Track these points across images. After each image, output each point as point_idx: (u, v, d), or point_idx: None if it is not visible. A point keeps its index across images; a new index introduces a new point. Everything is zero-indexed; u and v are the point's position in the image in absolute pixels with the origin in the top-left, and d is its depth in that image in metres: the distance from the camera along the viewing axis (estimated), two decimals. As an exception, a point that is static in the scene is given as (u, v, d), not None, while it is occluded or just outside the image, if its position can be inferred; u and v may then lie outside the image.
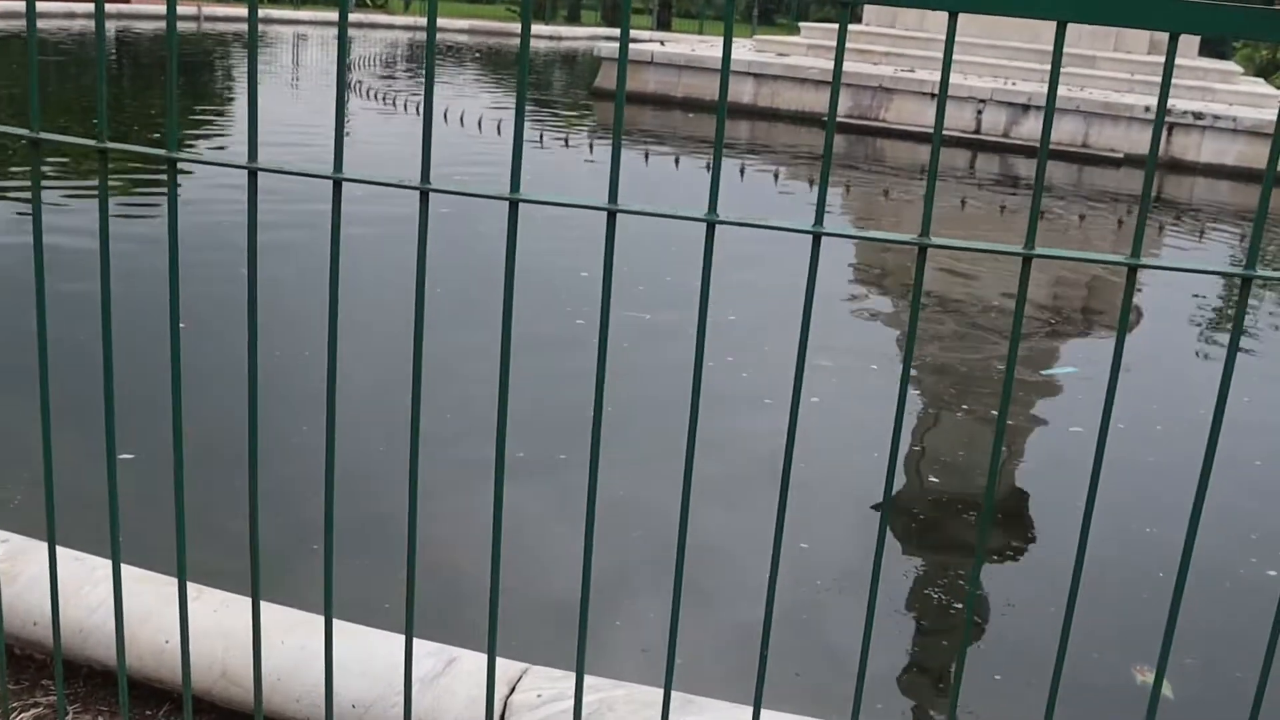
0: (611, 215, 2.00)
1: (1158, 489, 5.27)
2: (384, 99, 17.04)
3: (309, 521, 4.11)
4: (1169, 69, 1.86)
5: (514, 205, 2.03)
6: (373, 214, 8.24)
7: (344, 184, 2.01)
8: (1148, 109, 17.72)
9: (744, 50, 21.88)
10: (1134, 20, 1.82)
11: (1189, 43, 21.45)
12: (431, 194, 2.03)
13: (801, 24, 23.83)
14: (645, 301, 7.37)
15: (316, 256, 7.62)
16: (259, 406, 2.07)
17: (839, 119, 18.42)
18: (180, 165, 2.07)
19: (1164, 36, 20.94)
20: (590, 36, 39.34)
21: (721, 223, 1.97)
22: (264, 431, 2.08)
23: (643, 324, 6.95)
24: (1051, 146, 17.31)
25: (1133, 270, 1.94)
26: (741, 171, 13.27)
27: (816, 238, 1.95)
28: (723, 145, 1.92)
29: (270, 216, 8.07)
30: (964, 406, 6.32)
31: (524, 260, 2.09)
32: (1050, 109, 1.89)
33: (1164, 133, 17.39)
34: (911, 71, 19.54)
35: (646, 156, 13.90)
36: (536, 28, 39.96)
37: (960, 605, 4.10)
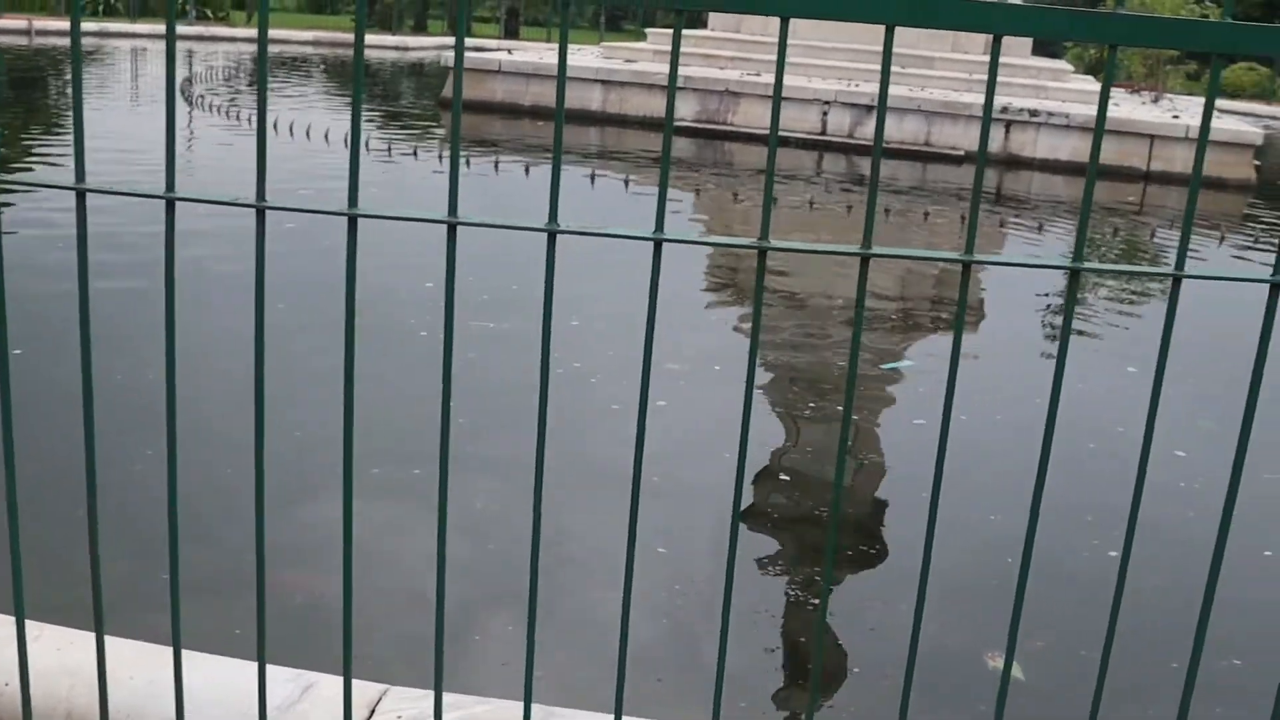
0: (452, 229, 1.98)
1: (999, 477, 5.40)
2: (227, 113, 16.70)
3: (155, 549, 4.00)
4: (994, 69, 1.90)
5: (353, 221, 1.99)
6: (224, 228, 8.07)
7: (178, 203, 1.96)
8: (985, 108, 18.19)
9: (591, 57, 21.93)
10: (960, 23, 1.85)
11: (1022, 43, 22.06)
12: (269, 211, 1.99)
13: (648, 30, 23.97)
14: (491, 311, 7.33)
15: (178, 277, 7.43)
16: (96, 432, 2.00)
17: (688, 123, 18.62)
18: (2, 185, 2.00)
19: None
20: (438, 46, 39.08)
21: (562, 232, 1.97)
22: (104, 458, 2.01)
23: (488, 333, 6.92)
24: (895, 145, 17.74)
25: (967, 267, 1.98)
26: (592, 179, 13.29)
27: (658, 244, 1.95)
28: (561, 154, 1.91)
29: (126, 237, 7.87)
30: (811, 405, 6.41)
31: (367, 274, 2.06)
32: (882, 111, 1.92)
33: (1002, 130, 17.89)
34: (758, 75, 19.78)
35: (496, 166, 13.85)
36: (383, 38, 39.54)
37: (817, 601, 4.15)
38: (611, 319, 7.42)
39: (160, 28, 33.66)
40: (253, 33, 36.78)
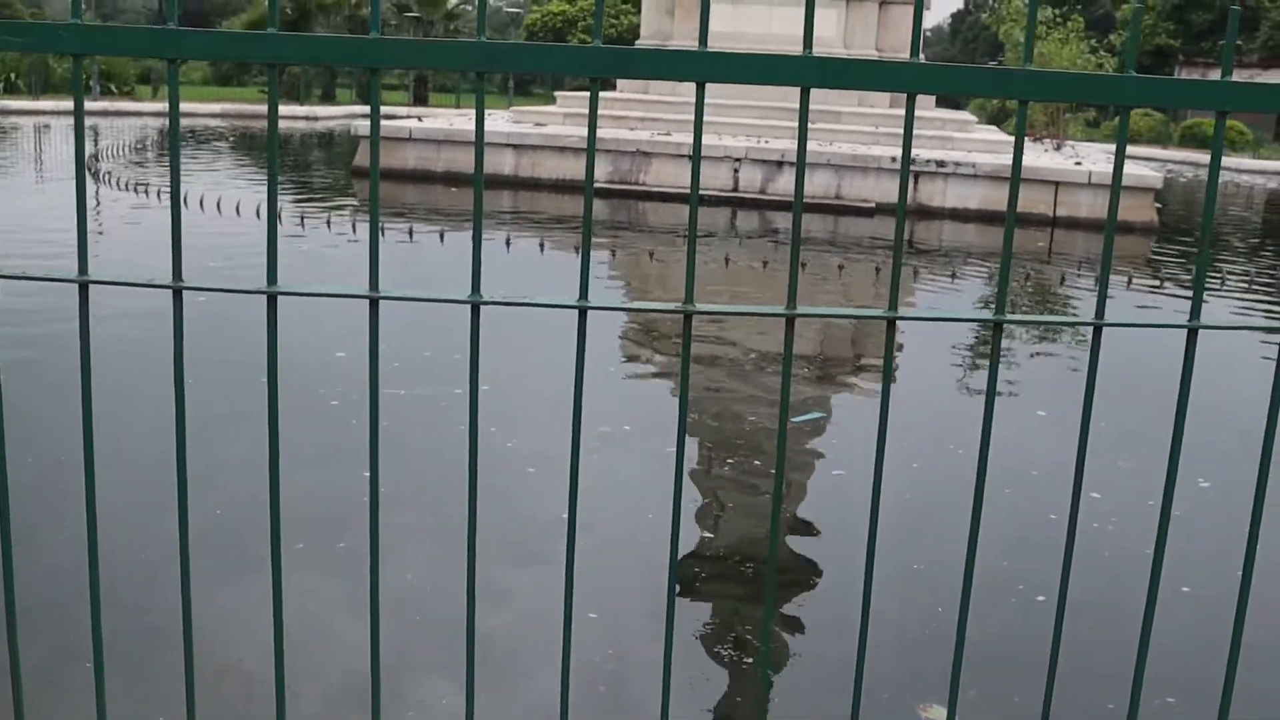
0: (374, 304, 1.97)
1: (922, 526, 5.43)
2: (135, 189, 16.52)
3: (78, 636, 3.90)
4: (909, 128, 1.93)
5: (272, 299, 1.97)
6: (133, 309, 7.96)
7: (91, 286, 1.93)
8: (893, 159, 18.48)
9: (501, 122, 22.01)
10: (874, 84, 1.88)
11: (927, 96, 22.44)
12: (186, 291, 1.96)
13: (557, 93, 24.12)
14: (403, 378, 7.27)
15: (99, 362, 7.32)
16: (10, 517, 1.95)
17: (601, 184, 18.71)
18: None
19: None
20: (347, 115, 39.03)
21: (485, 304, 1.96)
22: (18, 544, 1.96)
23: (400, 400, 6.87)
24: (807, 200, 17.94)
25: (891, 323, 2.00)
26: (507, 243, 13.29)
27: (582, 312, 1.95)
28: (482, 226, 1.90)
29: (51, 325, 7.73)
30: (728, 461, 6.42)
31: (282, 344, 2.03)
32: (801, 171, 1.94)
33: (911, 181, 18.21)
34: (668, 135, 19.95)
35: (411, 233, 13.81)
36: (291, 108, 39.40)
37: (751, 660, 4.14)
38: (524, 381, 7.40)
39: (64, 104, 33.24)
40: (159, 107, 36.50)
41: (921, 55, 1.87)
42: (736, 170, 18.70)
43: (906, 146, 1.92)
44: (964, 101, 58.02)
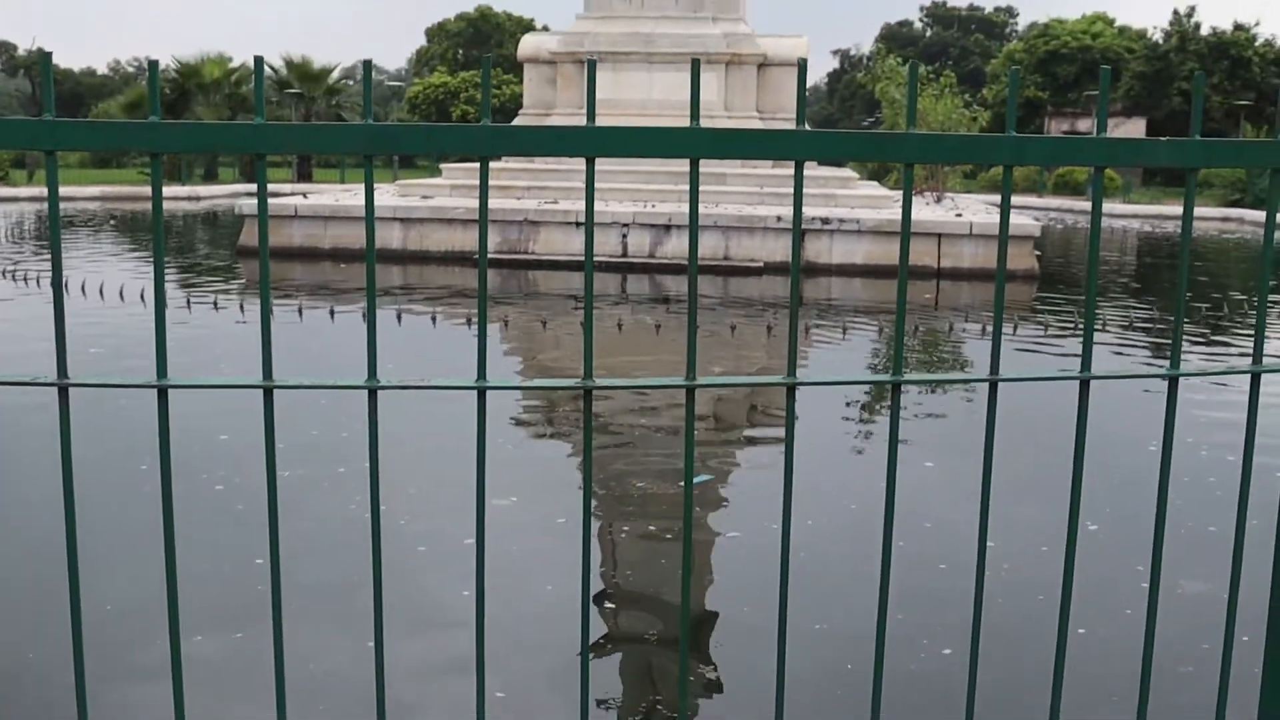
0: (269, 393, 1.93)
1: (822, 582, 5.45)
2: (13, 277, 16.16)
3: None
4: (798, 196, 1.95)
5: (163, 392, 1.92)
6: (18, 404, 7.75)
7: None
8: (779, 219, 18.74)
9: (388, 195, 21.93)
10: (764, 154, 1.90)
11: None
12: (73, 389, 1.91)
13: (443, 165, 24.12)
14: (289, 458, 7.15)
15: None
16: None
17: (490, 255, 18.69)
18: None
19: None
20: (230, 194, 38.66)
21: (383, 388, 1.93)
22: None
23: (283, 480, 6.74)
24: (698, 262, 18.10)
25: (791, 389, 2.00)
26: (399, 317, 13.20)
27: (481, 393, 1.93)
28: (376, 311, 1.88)
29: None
30: (624, 527, 6.40)
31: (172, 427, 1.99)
32: (694, 239, 1.95)
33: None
34: (555, 203, 20.03)
35: (300, 312, 13.66)
36: (174, 188, 38.91)
37: (667, 729, 4.10)
38: (414, 457, 7.32)
39: (-65, 194, 32.48)
40: (36, 191, 35.83)
41: (804, 123, 1.90)
42: (625, 235, 18.81)
43: (797, 213, 1.94)
44: (844, 159, 59.12)
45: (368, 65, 1.84)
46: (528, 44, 24.65)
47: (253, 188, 37.88)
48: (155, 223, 1.89)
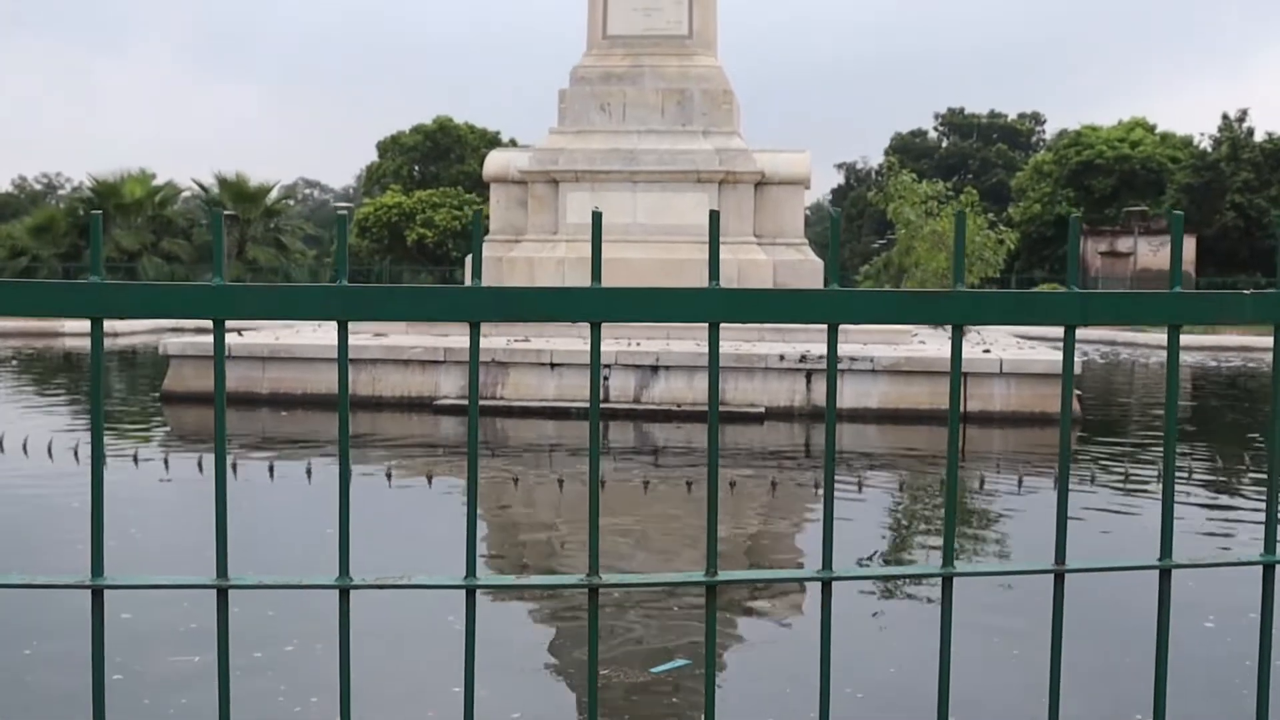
0: (223, 594, 1.91)
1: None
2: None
3: None
4: (833, 362, 1.96)
5: (98, 593, 1.90)
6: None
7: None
8: (781, 357, 18.83)
9: (334, 331, 22.02)
10: (790, 317, 1.91)
11: (814, 282, 23.08)
12: (-9, 591, 1.89)
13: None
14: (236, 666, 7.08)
15: None
16: None
17: (452, 400, 18.73)
18: None
19: (791, 279, 22.49)
20: (152, 329, 38.74)
21: (356, 587, 1.91)
22: None
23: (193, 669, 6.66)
24: (689, 408, 18.17)
25: (827, 584, 1.99)
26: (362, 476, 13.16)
27: (470, 591, 1.91)
28: (349, 504, 1.87)
29: None
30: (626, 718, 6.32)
31: (56, 598, 1.96)
32: (714, 412, 1.95)
33: (803, 380, 18.51)
34: (526, 341, 20.13)
35: (235, 467, 13.62)
36: (85, 323, 39.02)
37: None
38: (387, 655, 7.24)
39: None
40: (-72, 331, 35.86)
41: (837, 282, 1.92)
42: (607, 377, 18.88)
43: (832, 381, 1.94)
44: (853, 280, 59.57)
45: (342, 220, 1.86)
46: (495, 161, 25.02)
47: (179, 322, 37.99)
48: (94, 396, 1.89)
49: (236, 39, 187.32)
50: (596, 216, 1.88)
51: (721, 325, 1.86)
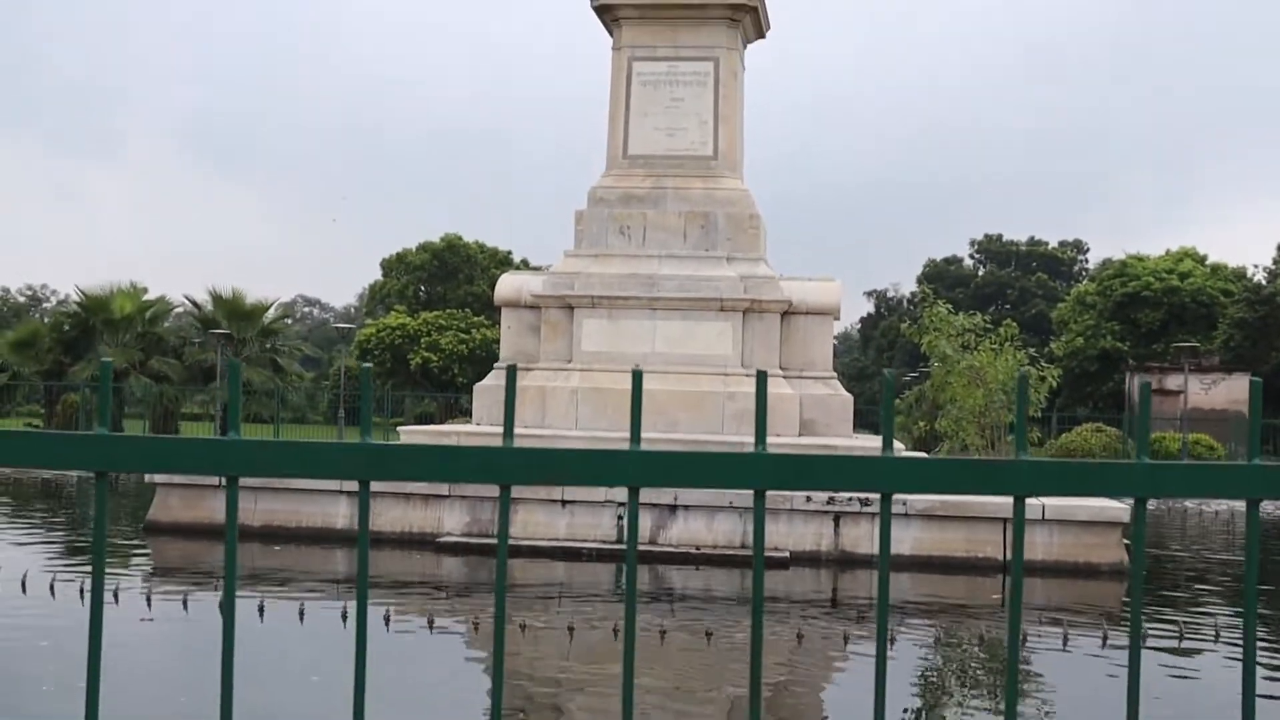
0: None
1: None
2: None
3: None
4: (885, 536, 1.94)
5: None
6: None
7: None
8: (808, 498, 18.77)
9: (333, 462, 22.03)
10: (844, 484, 1.91)
11: (842, 420, 23.12)
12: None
13: (401, 428, 24.34)
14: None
15: None
16: None
17: (456, 538, 18.69)
18: None
19: (819, 415, 22.54)
20: (137, 455, 38.74)
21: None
22: None
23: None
24: (709, 550, 18.09)
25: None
26: (344, 616, 13.09)
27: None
28: (363, 686, 1.85)
29: None
30: None
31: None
32: (759, 579, 1.93)
33: (830, 524, 18.46)
34: (536, 474, 20.10)
35: (220, 609, 13.54)
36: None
37: None
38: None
39: None
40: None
41: (893, 446, 1.91)
42: (620, 517, 18.82)
43: (885, 545, 1.93)
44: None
45: (367, 373, 1.86)
46: (507, 285, 25.16)
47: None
48: (96, 561, 1.88)
49: (237, 148, 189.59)
50: (637, 376, 1.89)
51: (739, 442, 1.86)
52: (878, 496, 8.47)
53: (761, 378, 1.85)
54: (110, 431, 1.86)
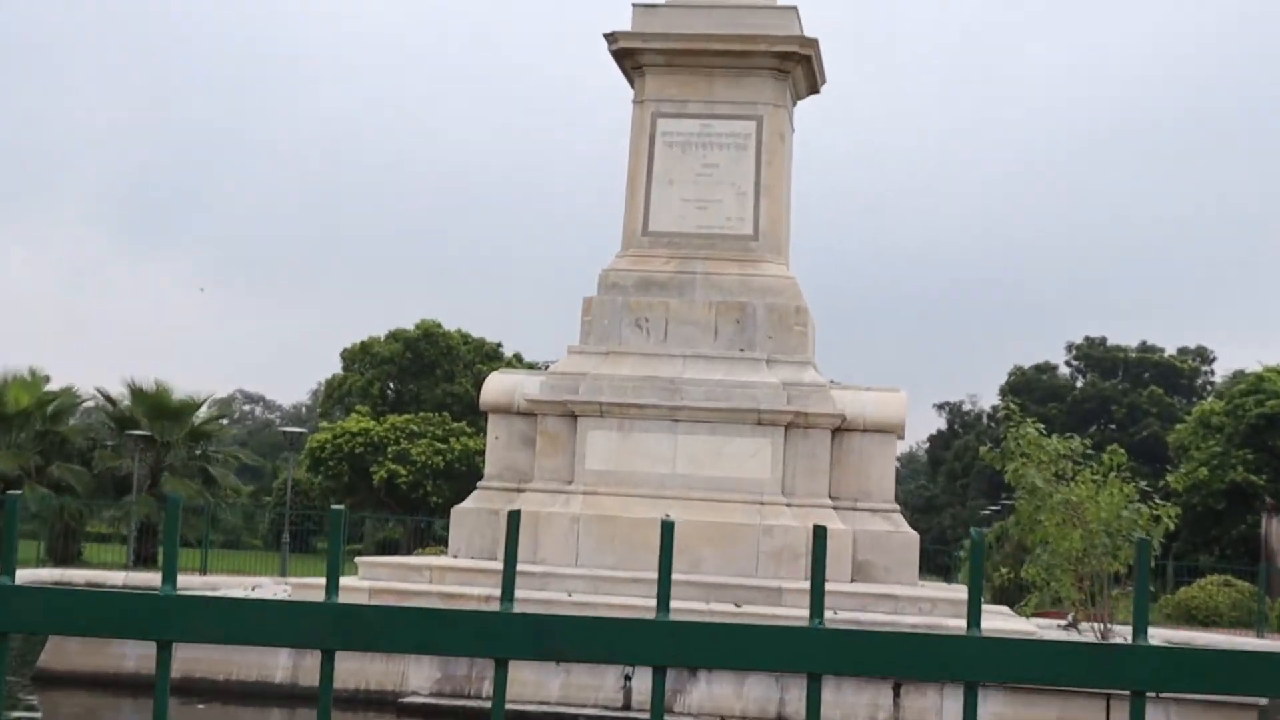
0: None
1: None
2: None
3: None
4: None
5: None
6: None
7: None
8: (863, 661, 18.64)
9: (271, 596, 21.96)
10: (907, 670, 1.90)
11: (908, 563, 23.00)
12: None
13: (359, 559, 24.25)
14: None
15: None
16: None
17: (423, 698, 18.58)
18: None
19: (878, 556, 22.44)
20: (30, 576, 38.74)
21: None
22: None
23: None
24: (738, 718, 17.92)
25: None
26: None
27: None
28: None
29: None
30: None
31: None
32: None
33: (889, 694, 18.34)
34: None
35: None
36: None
37: None
38: None
39: None
40: None
41: (979, 627, 1.91)
42: (628, 679, 18.71)
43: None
44: (955, 568, 59.10)
45: (339, 517, 1.86)
46: (497, 386, 25.05)
47: (58, 573, 38.12)
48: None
49: (170, 214, 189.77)
50: (668, 527, 1.89)
51: (784, 611, 1.86)
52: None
53: (821, 535, 1.86)
54: (12, 583, 1.87)
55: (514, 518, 1.85)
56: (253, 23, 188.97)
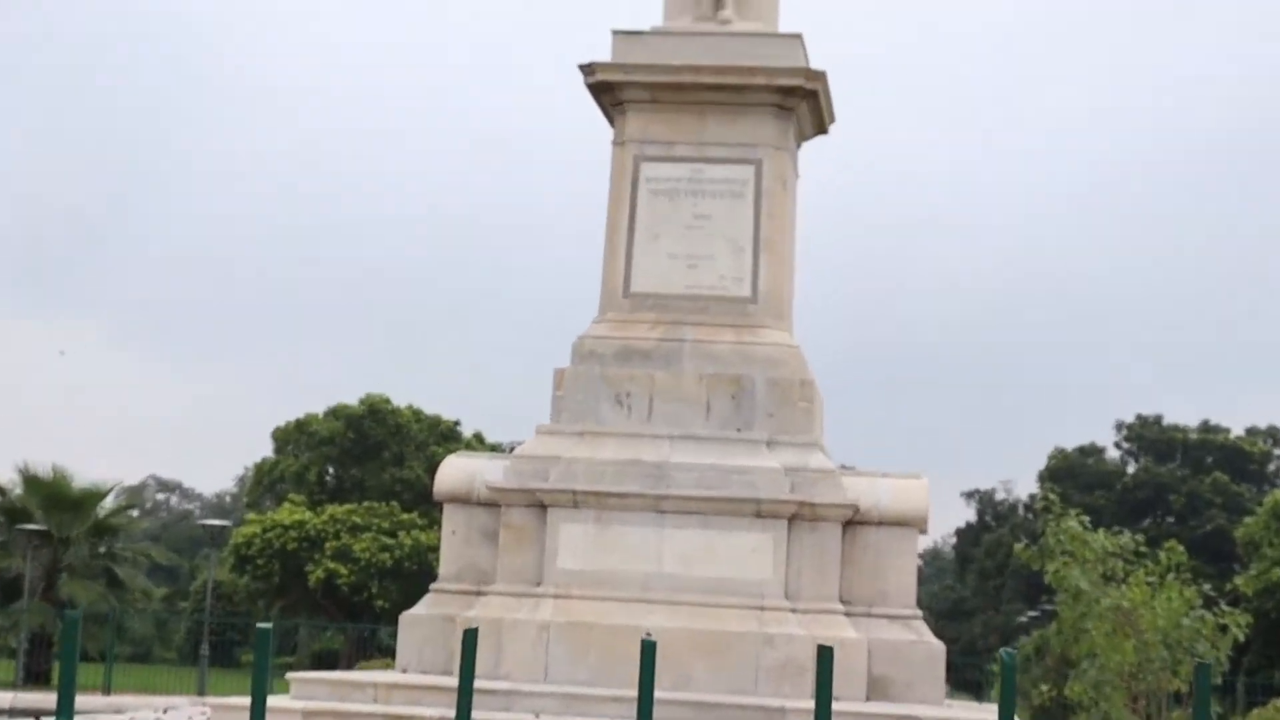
0: None
1: None
2: None
3: None
4: None
5: None
6: None
7: None
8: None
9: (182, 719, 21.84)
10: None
11: (932, 677, 22.88)
12: None
13: (291, 674, 24.12)
14: None
15: None
16: None
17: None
18: None
19: (897, 670, 22.33)
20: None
21: None
22: None
23: None
24: None
25: None
26: None
27: None
28: None
29: None
30: None
31: None
32: None
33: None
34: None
35: None
36: None
37: None
38: None
39: None
40: None
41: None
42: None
43: None
44: (987, 683, 58.90)
45: (265, 634, 1.86)
46: (453, 471, 24.84)
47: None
48: None
49: (72, 269, 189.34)
50: (649, 647, 1.90)
51: (781, 707, 1.85)
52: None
53: (826, 655, 1.87)
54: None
55: (470, 636, 1.86)
56: (172, 61, 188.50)
